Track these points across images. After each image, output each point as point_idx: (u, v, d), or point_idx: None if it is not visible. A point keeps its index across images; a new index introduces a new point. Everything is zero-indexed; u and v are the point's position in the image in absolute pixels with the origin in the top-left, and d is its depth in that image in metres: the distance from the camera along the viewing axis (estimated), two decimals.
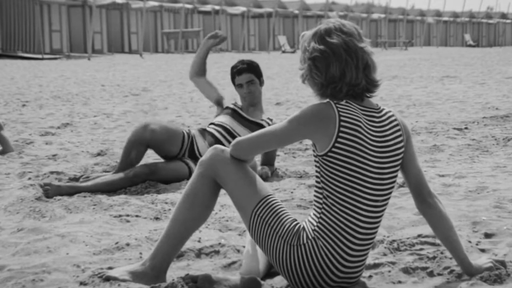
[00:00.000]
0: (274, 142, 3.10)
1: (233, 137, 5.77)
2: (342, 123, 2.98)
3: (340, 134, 2.98)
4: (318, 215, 3.05)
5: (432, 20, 73.34)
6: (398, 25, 68.47)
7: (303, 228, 3.06)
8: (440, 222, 3.16)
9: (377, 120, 3.07)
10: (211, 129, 5.91)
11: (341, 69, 3.03)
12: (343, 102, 3.03)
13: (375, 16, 65.08)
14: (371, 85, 3.08)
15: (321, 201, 3.05)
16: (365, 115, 3.05)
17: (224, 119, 5.94)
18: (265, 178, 5.73)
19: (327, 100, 3.05)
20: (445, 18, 76.30)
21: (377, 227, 3.10)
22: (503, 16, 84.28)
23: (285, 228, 3.06)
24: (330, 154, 2.99)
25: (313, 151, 3.07)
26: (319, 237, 3.02)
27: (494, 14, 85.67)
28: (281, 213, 3.09)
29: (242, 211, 3.15)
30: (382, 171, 3.05)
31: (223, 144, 5.66)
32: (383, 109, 3.13)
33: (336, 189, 3.01)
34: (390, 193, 3.12)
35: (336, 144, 2.98)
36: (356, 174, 3.00)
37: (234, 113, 5.97)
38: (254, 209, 3.09)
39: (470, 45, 68.94)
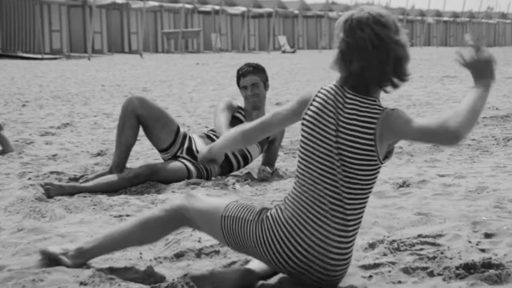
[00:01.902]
0: (278, 121, 3.31)
1: None
2: (312, 102, 3.11)
3: (306, 112, 3.12)
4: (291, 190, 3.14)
5: (432, 20, 73.35)
6: None
7: (274, 206, 3.14)
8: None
9: (349, 106, 3.03)
10: (211, 134, 5.90)
11: (362, 65, 3.00)
12: (329, 85, 3.11)
13: None
14: (400, 79, 3.06)
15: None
16: (341, 99, 3.05)
17: None
18: (265, 180, 5.71)
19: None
20: (445, 18, 76.31)
21: (351, 217, 3.02)
22: (503, 16, 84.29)
23: (254, 212, 3.13)
24: (300, 131, 3.15)
25: None
26: (286, 208, 3.08)
27: (494, 14, 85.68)
28: (249, 206, 3.18)
29: (212, 229, 3.20)
30: (341, 157, 3.01)
31: None
32: (373, 101, 3.04)
33: (299, 164, 3.11)
34: (358, 183, 3.01)
35: (302, 121, 3.13)
36: (308, 153, 3.07)
37: (235, 120, 5.93)
38: (223, 213, 3.17)
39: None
